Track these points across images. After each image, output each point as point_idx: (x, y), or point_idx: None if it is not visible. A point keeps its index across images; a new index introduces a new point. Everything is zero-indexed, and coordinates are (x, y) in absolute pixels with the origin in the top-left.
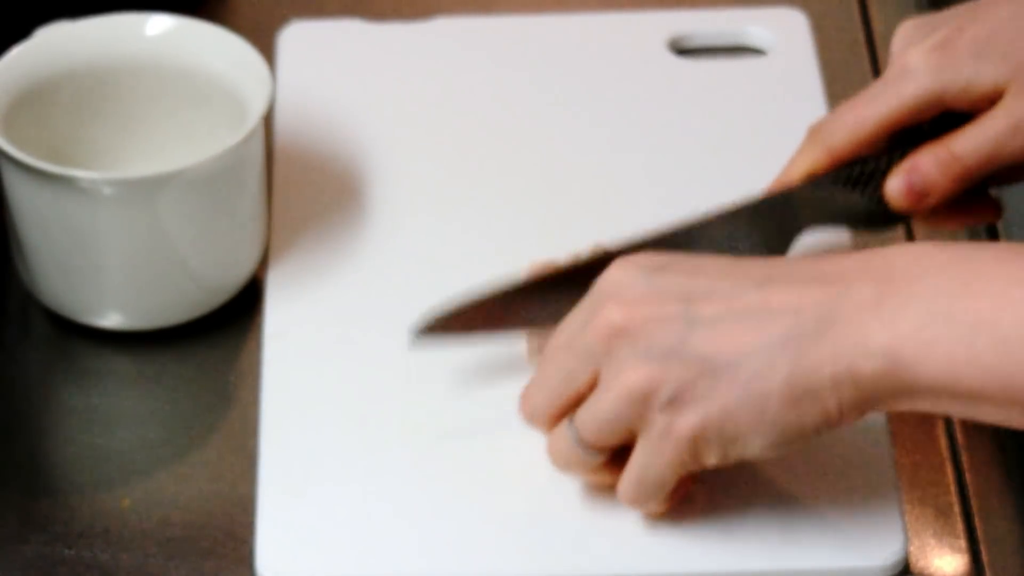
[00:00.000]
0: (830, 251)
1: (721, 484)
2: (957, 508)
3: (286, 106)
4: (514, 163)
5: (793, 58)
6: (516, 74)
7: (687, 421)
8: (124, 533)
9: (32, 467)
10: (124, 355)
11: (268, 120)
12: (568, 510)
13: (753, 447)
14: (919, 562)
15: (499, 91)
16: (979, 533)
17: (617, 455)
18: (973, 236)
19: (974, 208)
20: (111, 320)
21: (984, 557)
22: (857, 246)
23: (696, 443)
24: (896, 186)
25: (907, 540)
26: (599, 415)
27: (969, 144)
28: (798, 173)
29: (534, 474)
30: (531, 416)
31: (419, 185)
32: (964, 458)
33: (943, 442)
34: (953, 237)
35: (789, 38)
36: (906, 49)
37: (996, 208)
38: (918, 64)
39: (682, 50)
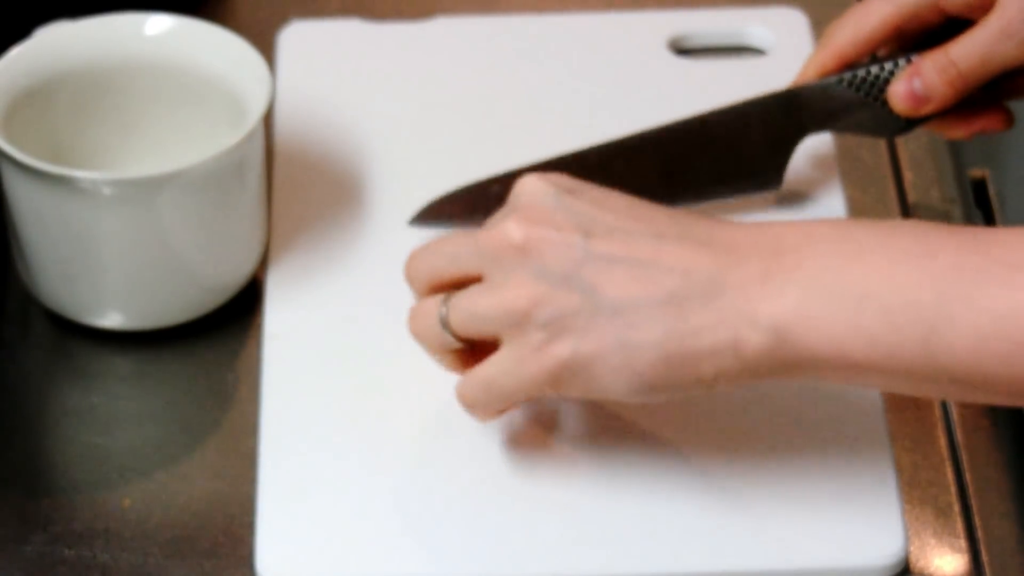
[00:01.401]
0: (729, 219)
1: (720, 484)
2: (957, 507)
3: (286, 106)
4: (513, 162)
5: (793, 58)
6: (516, 74)
7: (559, 348)
8: (124, 533)
9: (32, 467)
10: (124, 355)
11: (268, 120)
12: (567, 511)
13: (616, 391)
14: (919, 562)
15: (499, 91)
16: (979, 532)
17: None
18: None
19: (983, 116)
20: (111, 320)
21: (984, 556)
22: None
23: (561, 371)
24: (898, 90)
25: (907, 540)
26: (474, 311)
27: (964, 48)
28: (809, 75)
29: (533, 475)
30: (410, 277)
31: (419, 185)
32: (964, 458)
33: (943, 442)
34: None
35: (789, 38)
36: None
37: (1006, 117)
38: None
39: (682, 50)
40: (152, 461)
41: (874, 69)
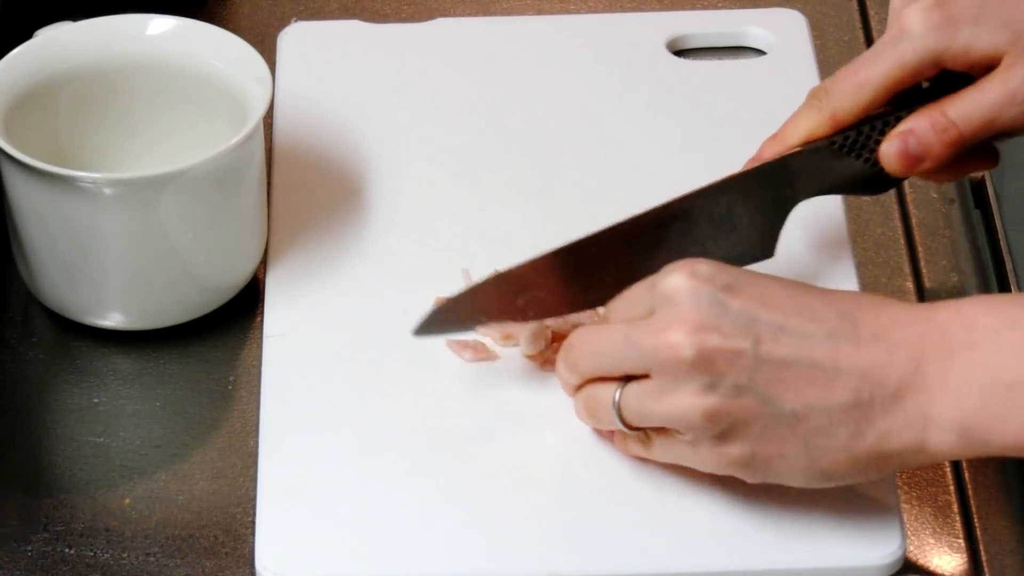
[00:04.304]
0: (884, 299)
1: (720, 484)
2: (956, 506)
3: (286, 106)
4: (513, 163)
5: (793, 58)
6: (516, 74)
7: (736, 450)
8: (125, 532)
9: (34, 466)
10: (125, 355)
11: (268, 120)
12: (567, 510)
13: (796, 483)
14: (918, 560)
15: (499, 91)
16: (977, 531)
17: None
18: (971, 235)
19: (972, 161)
20: (112, 320)
21: (982, 555)
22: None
23: (737, 466)
24: (892, 150)
25: (905, 538)
26: (645, 413)
27: (966, 111)
28: (797, 137)
29: (533, 474)
30: (568, 368)
31: (418, 185)
32: None
33: None
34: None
35: (789, 38)
36: (904, 7)
37: (993, 157)
38: (916, 25)
39: (681, 50)
40: (153, 460)
41: (864, 128)
